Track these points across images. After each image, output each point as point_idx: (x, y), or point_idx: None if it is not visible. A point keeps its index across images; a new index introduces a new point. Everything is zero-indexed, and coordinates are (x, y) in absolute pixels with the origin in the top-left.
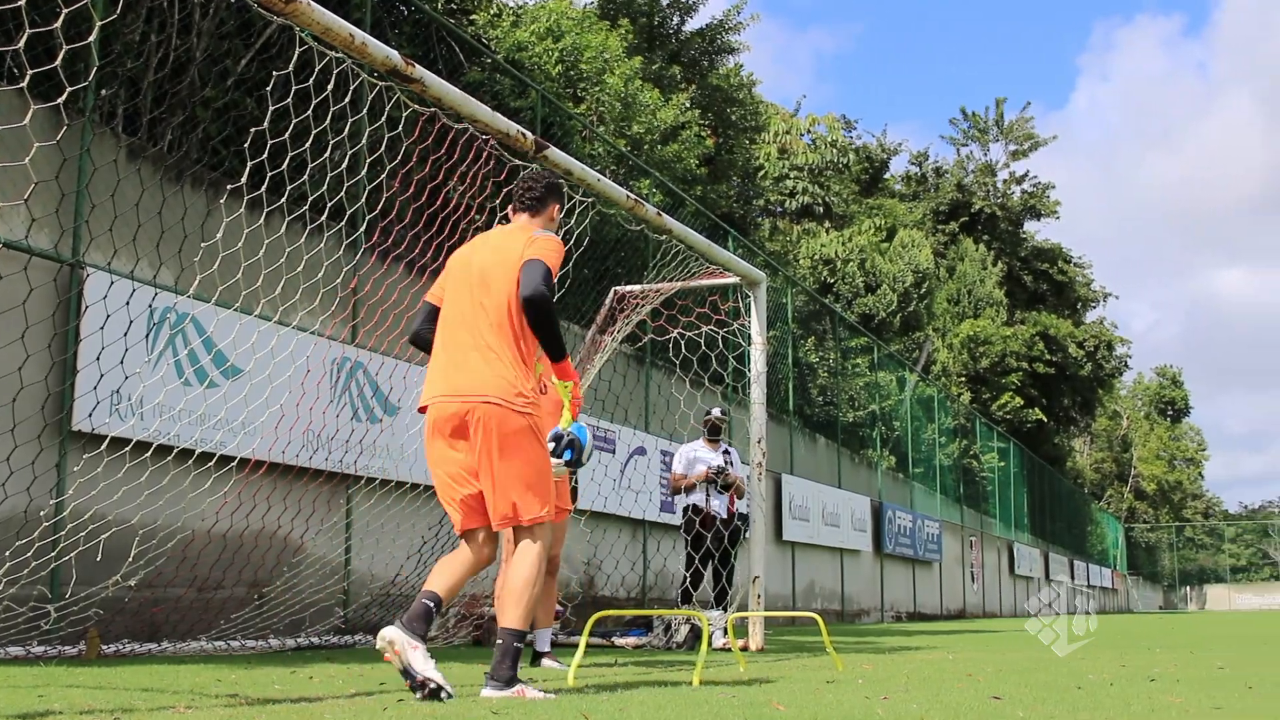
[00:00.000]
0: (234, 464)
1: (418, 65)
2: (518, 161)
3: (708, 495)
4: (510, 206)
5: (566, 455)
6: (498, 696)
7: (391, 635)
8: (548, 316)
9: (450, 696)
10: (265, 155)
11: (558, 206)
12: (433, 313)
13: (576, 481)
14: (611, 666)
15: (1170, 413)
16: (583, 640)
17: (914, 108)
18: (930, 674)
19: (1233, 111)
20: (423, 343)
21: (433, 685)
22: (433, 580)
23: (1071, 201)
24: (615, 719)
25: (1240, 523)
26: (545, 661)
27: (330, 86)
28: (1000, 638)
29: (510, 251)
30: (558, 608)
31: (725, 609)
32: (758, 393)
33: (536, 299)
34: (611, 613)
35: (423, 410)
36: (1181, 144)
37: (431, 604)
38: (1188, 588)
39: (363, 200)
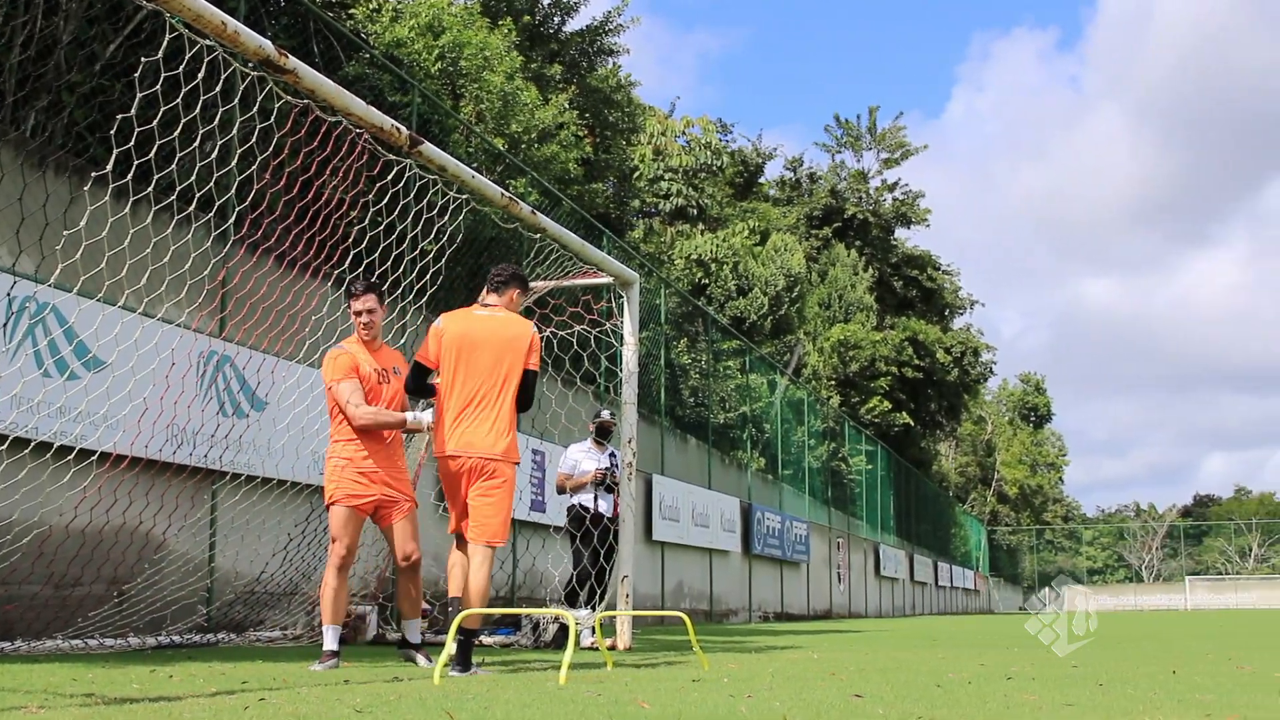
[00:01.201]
0: (95, 458)
1: (291, 56)
2: (392, 156)
3: (596, 496)
4: (485, 287)
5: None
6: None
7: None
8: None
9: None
10: (133, 143)
11: (517, 292)
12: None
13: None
14: (479, 666)
15: (1033, 419)
16: (449, 639)
17: (797, 112)
18: (794, 673)
19: (1103, 125)
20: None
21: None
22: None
23: (946, 209)
24: (480, 717)
25: (1097, 526)
26: (420, 660)
27: (201, 75)
28: (864, 638)
29: (517, 345)
30: (425, 606)
31: (594, 608)
32: (629, 393)
33: (527, 408)
34: (479, 611)
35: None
36: (1053, 155)
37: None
38: (1047, 589)
39: (233, 192)
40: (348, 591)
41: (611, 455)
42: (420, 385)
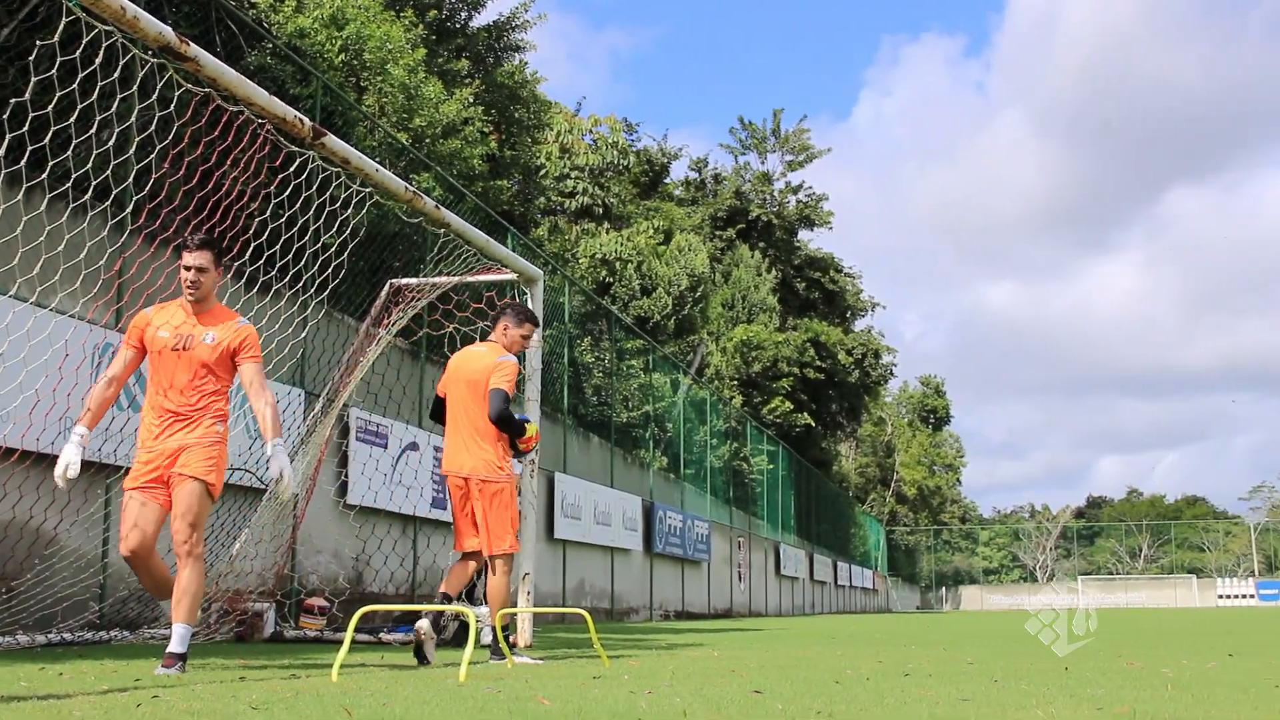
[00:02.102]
0: None
1: (192, 44)
2: (295, 148)
3: None
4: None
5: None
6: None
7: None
8: (505, 425)
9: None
10: (27, 129)
11: (507, 324)
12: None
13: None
14: (379, 663)
15: (932, 420)
16: (347, 636)
17: (707, 112)
18: (695, 670)
19: (1008, 131)
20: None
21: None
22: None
23: (852, 212)
24: (379, 713)
25: (993, 527)
26: (160, 669)
27: (99, 61)
28: (765, 636)
29: (484, 372)
30: (322, 603)
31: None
32: (532, 390)
33: (495, 419)
34: (378, 608)
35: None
36: (959, 160)
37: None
38: (943, 589)
39: (130, 180)
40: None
41: None
42: (438, 415)
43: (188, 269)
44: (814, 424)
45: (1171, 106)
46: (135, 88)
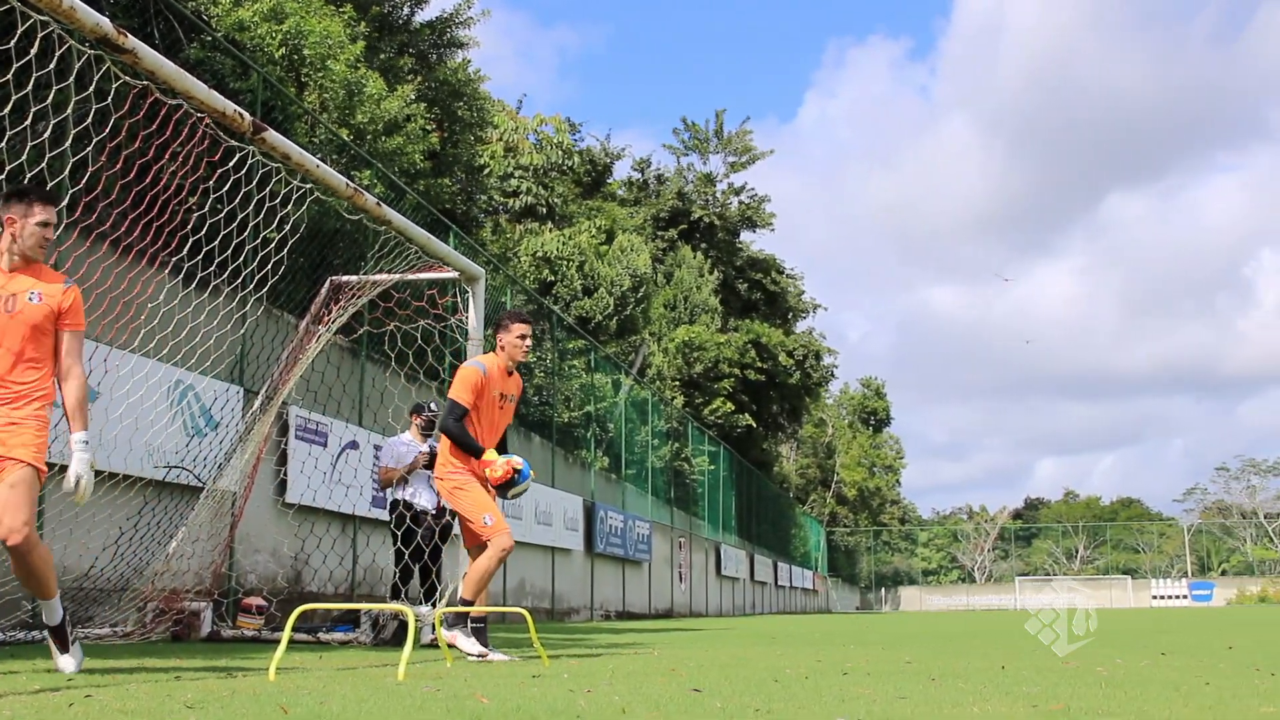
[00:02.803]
0: None
1: (130, 35)
2: (234, 142)
3: (417, 490)
4: None
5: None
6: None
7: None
8: (451, 438)
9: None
10: None
11: (500, 336)
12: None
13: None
14: (317, 663)
15: (872, 422)
16: (285, 635)
17: (655, 111)
18: (634, 669)
19: (952, 136)
20: None
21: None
22: None
23: (797, 214)
24: (316, 712)
25: (932, 528)
26: (60, 660)
27: (34, 52)
28: (705, 636)
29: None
30: (260, 603)
31: (434, 605)
32: None
33: (441, 429)
34: (316, 606)
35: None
36: (903, 164)
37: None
38: (883, 589)
39: (66, 174)
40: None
41: (433, 446)
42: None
43: (44, 224)
44: (755, 425)
45: (1113, 112)
46: (72, 79)
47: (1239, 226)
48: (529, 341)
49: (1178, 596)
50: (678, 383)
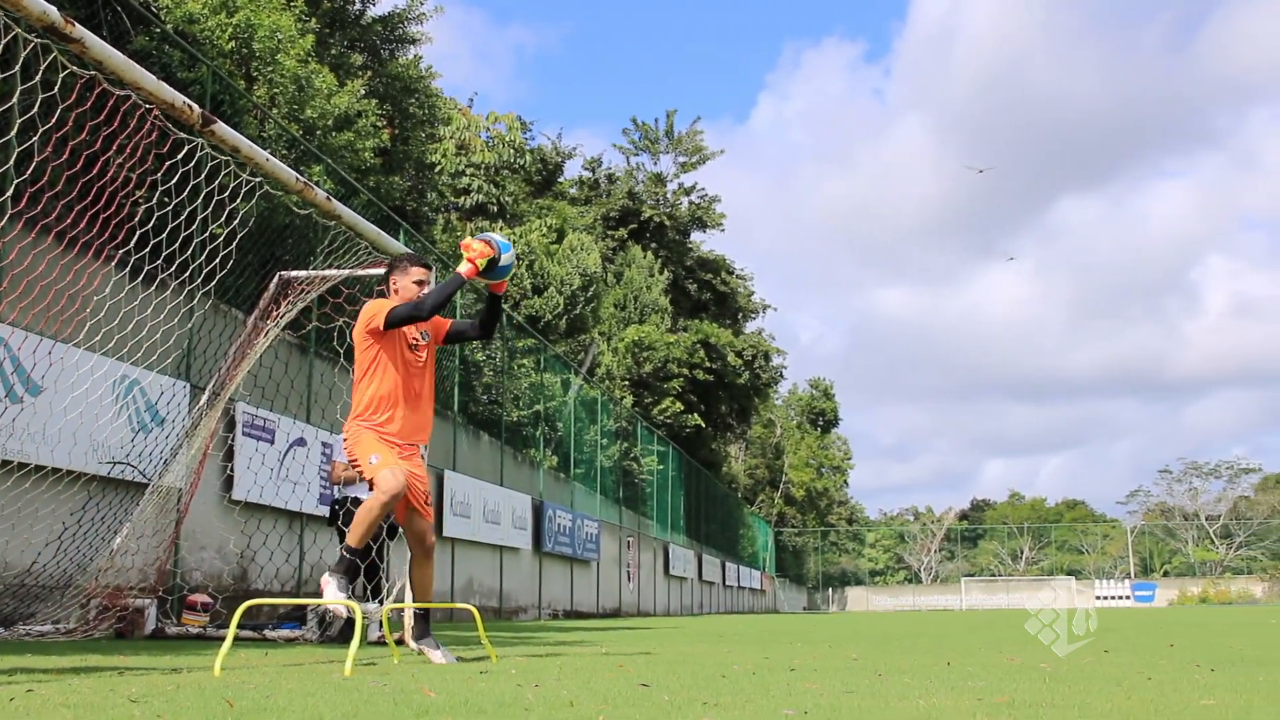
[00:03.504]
0: None
1: (78, 25)
2: (183, 134)
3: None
4: None
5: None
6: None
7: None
8: (431, 305)
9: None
10: None
11: (394, 279)
12: None
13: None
14: (263, 660)
15: (821, 423)
16: (230, 632)
17: (612, 111)
18: (582, 665)
19: (905, 139)
20: None
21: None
22: None
23: (751, 215)
24: (261, 705)
25: (879, 529)
26: None
27: None
28: (653, 634)
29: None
30: (205, 600)
31: (381, 601)
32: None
33: (429, 314)
34: (263, 602)
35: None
36: (857, 166)
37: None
38: (830, 589)
39: (11, 164)
40: None
41: None
42: None
43: None
44: (704, 425)
45: (1065, 117)
46: (18, 68)
47: (1186, 232)
48: (425, 288)
49: (1121, 597)
50: (627, 382)
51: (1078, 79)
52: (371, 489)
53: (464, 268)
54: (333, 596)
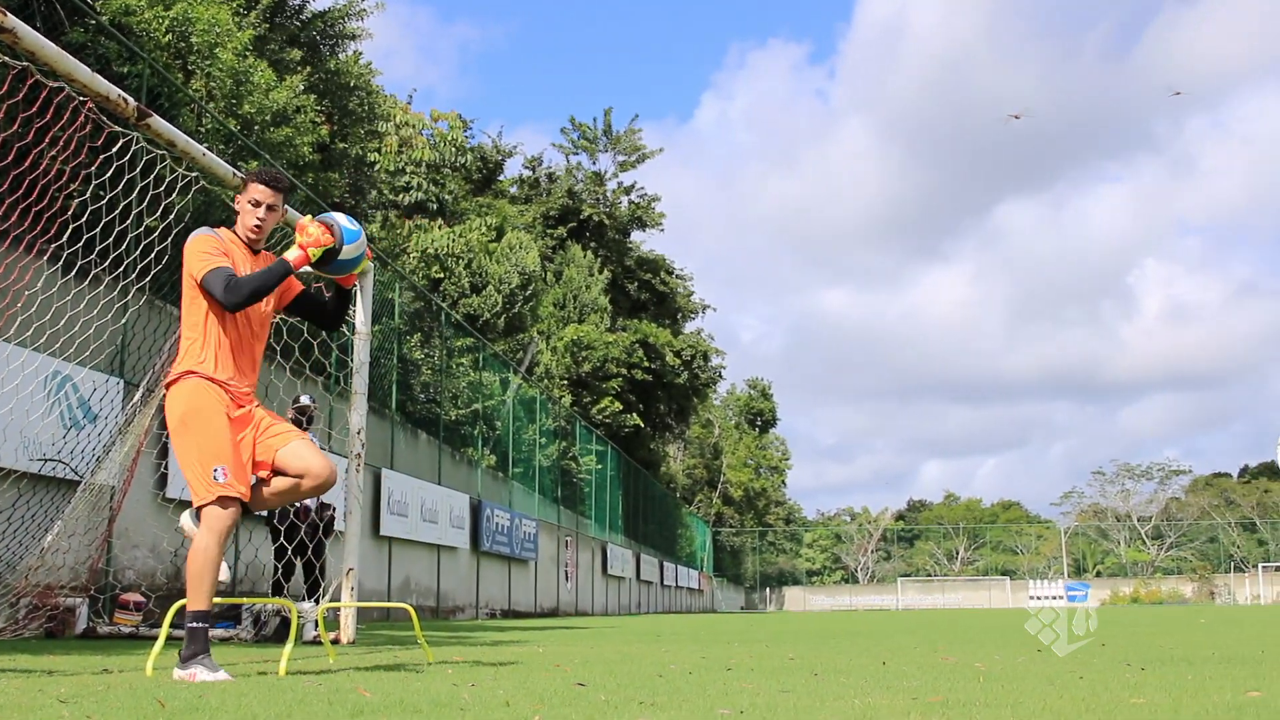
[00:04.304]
0: None
1: (10, 15)
2: (118, 128)
3: None
4: None
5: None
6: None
7: None
8: (247, 292)
9: None
10: None
11: (238, 198)
12: None
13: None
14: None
15: (759, 423)
16: (163, 631)
17: (556, 109)
18: (519, 664)
19: (849, 140)
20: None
21: None
22: None
23: (695, 214)
24: (194, 705)
25: (816, 529)
26: None
27: None
28: (590, 633)
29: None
30: (138, 599)
31: (317, 601)
32: (360, 383)
33: (226, 302)
34: (216, 600)
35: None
36: (801, 166)
37: None
38: (768, 589)
39: None
40: None
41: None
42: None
43: None
44: (643, 425)
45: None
46: None
47: (1124, 236)
48: (262, 212)
49: (1054, 597)
50: (566, 382)
51: (1020, 83)
52: (198, 518)
53: (292, 254)
54: (212, 677)
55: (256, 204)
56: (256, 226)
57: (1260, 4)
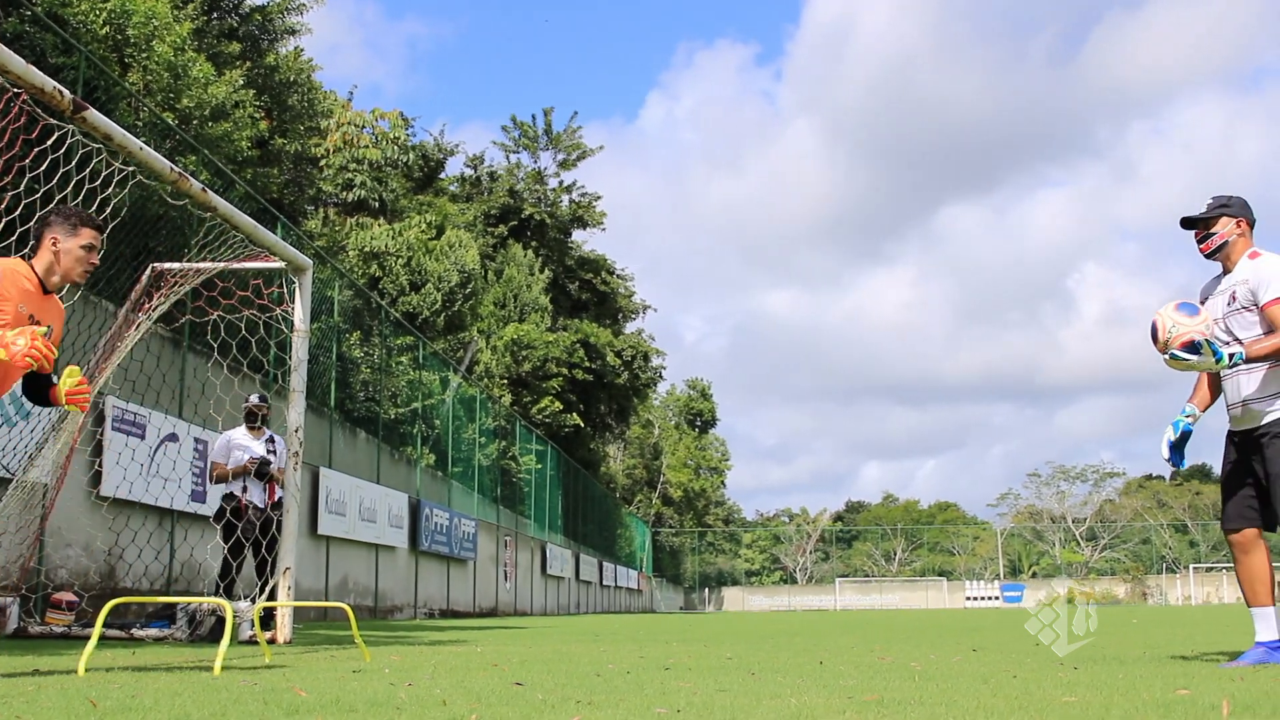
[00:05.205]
0: None
1: None
2: (53, 121)
3: (245, 485)
4: None
5: None
6: None
7: None
8: None
9: None
10: None
11: (55, 237)
12: None
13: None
14: (130, 660)
15: (698, 423)
16: (96, 630)
17: (502, 108)
18: (457, 664)
19: (795, 142)
20: None
21: None
22: None
23: (640, 214)
24: (126, 705)
25: (755, 530)
26: None
27: None
28: (529, 633)
29: None
30: (70, 598)
31: (253, 600)
32: (298, 381)
33: None
34: (130, 600)
35: None
36: (747, 167)
37: None
38: (707, 589)
39: None
40: None
41: (270, 440)
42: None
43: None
44: (583, 424)
45: (951, 125)
46: None
47: (1065, 240)
48: (95, 258)
49: (990, 598)
50: (506, 381)
51: (965, 87)
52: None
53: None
54: None
55: (90, 248)
56: (85, 272)
57: (1200, 14)
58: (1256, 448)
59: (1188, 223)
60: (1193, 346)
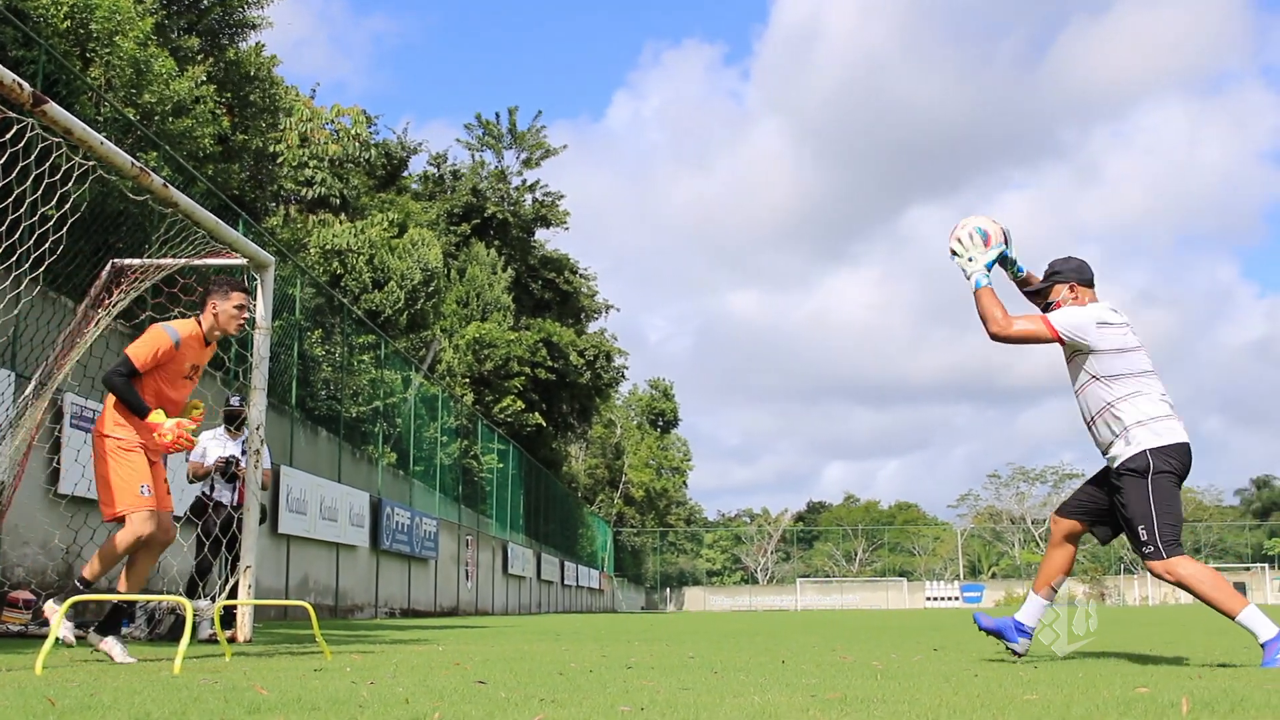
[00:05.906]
0: None
1: None
2: (12, 114)
3: (213, 485)
4: None
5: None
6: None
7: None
8: (116, 393)
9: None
10: None
11: (214, 302)
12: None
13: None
14: (89, 658)
15: (660, 423)
16: (53, 629)
17: (468, 105)
18: (419, 663)
19: (762, 142)
20: None
21: None
22: None
23: (605, 213)
24: (85, 704)
25: (717, 530)
26: None
27: None
28: (491, 632)
29: None
30: (27, 597)
31: (214, 599)
32: (259, 379)
33: (105, 383)
34: (89, 598)
35: None
36: (713, 167)
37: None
38: (668, 589)
39: None
40: None
41: (245, 441)
42: None
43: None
44: (545, 424)
45: (918, 127)
46: None
47: (1028, 243)
48: (246, 314)
49: (950, 598)
50: (468, 380)
51: (932, 89)
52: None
53: (154, 436)
54: (122, 658)
55: (240, 308)
56: (240, 326)
57: (1165, 19)
58: (1115, 483)
59: (1029, 295)
60: (959, 251)
